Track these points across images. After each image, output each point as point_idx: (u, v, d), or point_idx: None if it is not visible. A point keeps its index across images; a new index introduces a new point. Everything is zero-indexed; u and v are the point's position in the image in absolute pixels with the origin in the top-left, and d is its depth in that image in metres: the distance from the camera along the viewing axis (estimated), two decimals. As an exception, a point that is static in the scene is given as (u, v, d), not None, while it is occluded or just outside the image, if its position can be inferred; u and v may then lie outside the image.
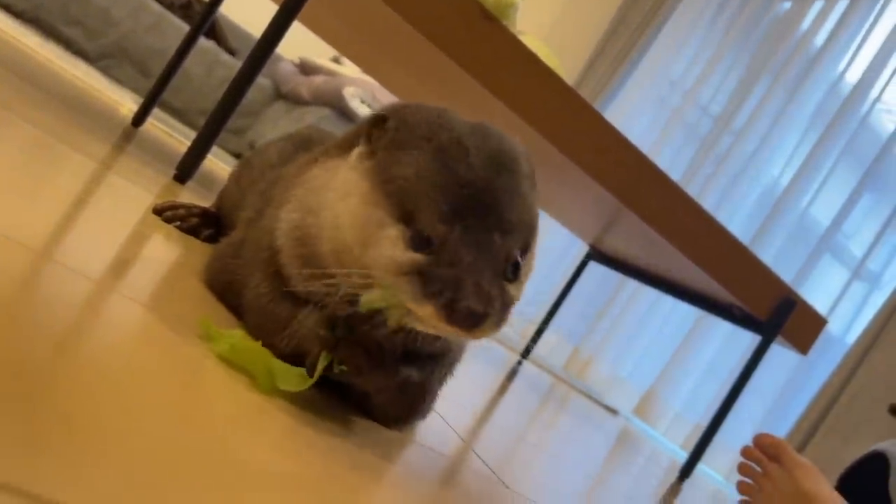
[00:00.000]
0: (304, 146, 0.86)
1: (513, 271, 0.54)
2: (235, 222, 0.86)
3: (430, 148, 0.53)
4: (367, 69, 2.05)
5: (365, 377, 0.54)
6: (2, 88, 1.12)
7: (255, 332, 0.60)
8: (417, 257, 0.50)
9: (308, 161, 0.65)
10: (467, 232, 0.51)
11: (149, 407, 0.39)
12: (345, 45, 1.93)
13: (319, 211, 0.57)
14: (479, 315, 0.49)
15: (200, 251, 0.87)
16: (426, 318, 0.49)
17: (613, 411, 3.19)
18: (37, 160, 0.81)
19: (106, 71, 3.36)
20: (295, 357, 0.55)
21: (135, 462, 0.33)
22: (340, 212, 0.55)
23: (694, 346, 3.36)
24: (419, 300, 0.49)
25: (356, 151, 0.57)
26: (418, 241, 0.51)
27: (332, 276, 0.55)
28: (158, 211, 0.90)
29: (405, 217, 0.52)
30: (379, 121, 0.56)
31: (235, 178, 0.94)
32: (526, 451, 0.99)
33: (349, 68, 3.38)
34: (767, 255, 3.32)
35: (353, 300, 0.53)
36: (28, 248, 0.50)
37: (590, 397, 3.15)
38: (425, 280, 0.49)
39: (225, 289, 0.67)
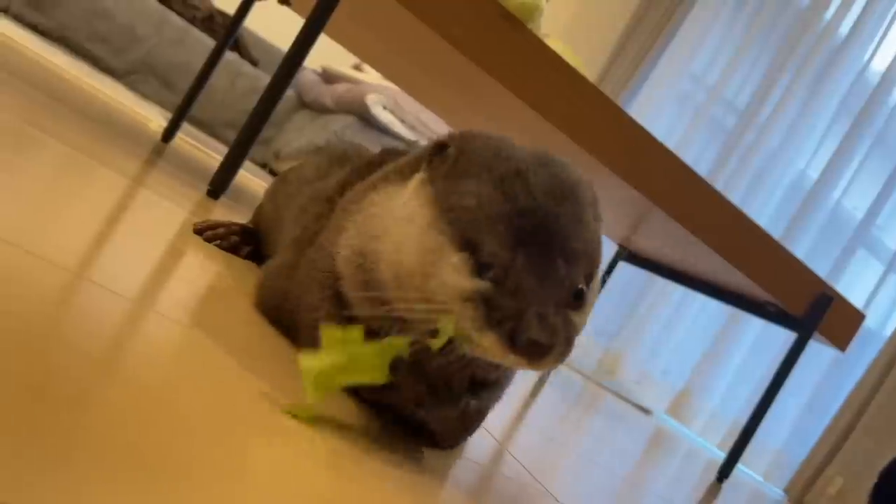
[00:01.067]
0: (340, 161, 0.86)
1: (577, 299, 0.53)
2: (275, 240, 0.86)
3: (492, 177, 0.53)
4: (389, 76, 2.06)
5: (427, 411, 0.54)
6: (33, 108, 1.14)
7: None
8: (481, 284, 0.50)
9: (367, 187, 0.65)
10: (531, 259, 0.51)
11: (187, 426, 0.39)
12: (368, 53, 1.94)
13: (380, 236, 0.57)
14: (543, 346, 0.48)
15: (239, 268, 0.87)
16: (489, 347, 0.49)
17: (647, 411, 3.17)
18: (69, 178, 0.82)
19: (132, 86, 3.40)
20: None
21: (172, 482, 0.33)
22: (402, 237, 0.55)
23: (728, 343, 3.32)
24: (482, 328, 0.49)
25: (417, 178, 0.57)
26: (482, 269, 0.51)
27: (390, 301, 0.55)
28: (199, 231, 0.91)
29: (468, 245, 0.51)
30: (440, 148, 0.56)
31: (272, 195, 0.94)
32: (562, 454, 0.99)
33: (371, 75, 3.39)
34: (800, 250, 3.28)
35: (414, 328, 0.53)
36: (62, 268, 0.50)
37: (622, 397, 3.13)
38: (488, 308, 0.49)
39: (277, 311, 0.67)
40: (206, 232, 0.91)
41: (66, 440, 0.30)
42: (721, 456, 1.76)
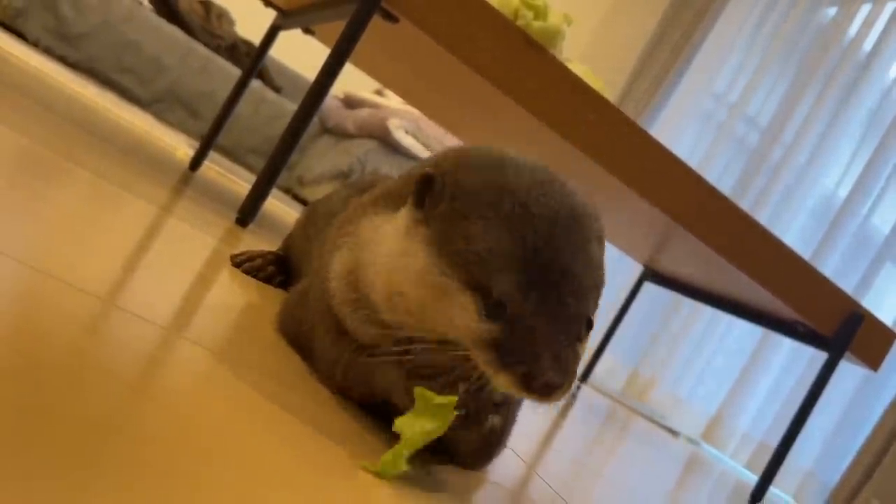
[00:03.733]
0: (366, 192, 0.87)
1: (587, 329, 0.54)
2: (303, 270, 0.87)
3: (496, 216, 0.52)
4: (411, 101, 2.07)
5: (455, 432, 0.54)
6: (62, 137, 1.16)
7: (325, 381, 0.62)
8: (493, 328, 0.51)
9: (357, 209, 0.65)
10: (543, 301, 0.51)
11: (217, 451, 0.39)
12: (391, 79, 1.96)
13: (373, 264, 0.58)
14: (558, 386, 0.50)
15: (268, 296, 0.88)
16: (504, 387, 0.50)
17: (674, 433, 3.13)
18: (98, 207, 0.83)
19: (158, 115, 3.46)
20: (367, 402, 0.57)
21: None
22: (398, 271, 0.55)
23: (759, 364, 3.27)
24: (497, 369, 0.50)
25: (406, 214, 0.57)
26: (493, 311, 0.51)
27: (385, 323, 0.56)
28: (237, 264, 0.92)
29: (477, 287, 0.51)
30: (426, 182, 0.55)
31: (302, 225, 0.95)
32: (592, 478, 0.98)
33: (393, 100, 3.42)
34: (828, 267, 3.24)
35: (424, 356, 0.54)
36: (93, 296, 0.51)
37: (652, 420, 3.09)
38: (503, 351, 0.50)
39: (295, 338, 0.68)
40: (245, 264, 0.92)
41: (97, 465, 0.31)
42: (753, 478, 1.73)
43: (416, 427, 0.50)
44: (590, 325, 0.54)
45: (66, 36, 3.32)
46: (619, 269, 3.89)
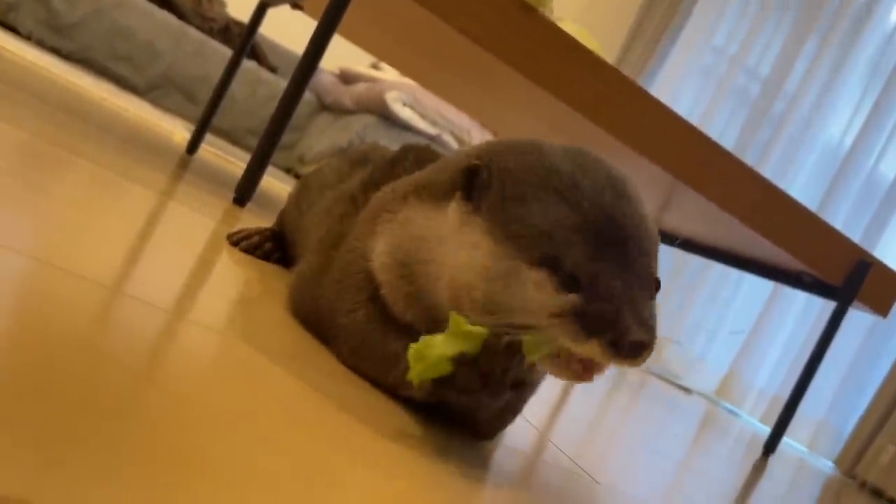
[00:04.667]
0: (360, 163, 0.87)
1: (656, 289, 0.54)
2: (300, 243, 0.87)
3: (550, 193, 0.53)
4: (407, 73, 2.06)
5: (477, 400, 0.54)
6: (59, 129, 1.16)
7: (349, 357, 0.62)
8: (571, 298, 0.51)
9: (399, 195, 0.65)
10: (613, 265, 0.51)
11: (229, 430, 0.40)
12: (382, 51, 1.94)
13: (431, 263, 0.58)
14: (644, 345, 0.50)
15: (267, 272, 0.88)
16: (593, 355, 0.50)
17: (687, 390, 3.14)
18: (98, 195, 0.83)
19: (155, 101, 3.45)
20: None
21: (218, 486, 0.34)
22: (463, 267, 0.55)
23: (772, 318, 3.27)
24: (582, 338, 0.50)
25: (457, 208, 0.57)
26: (566, 283, 0.51)
27: (445, 316, 0.56)
28: (234, 242, 0.93)
29: (545, 263, 0.52)
30: (471, 173, 0.56)
31: (295, 200, 0.95)
32: (606, 441, 0.98)
33: (389, 73, 3.40)
34: (837, 217, 3.22)
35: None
36: (99, 285, 0.51)
37: (665, 380, 3.11)
38: (585, 319, 0.50)
39: (310, 315, 0.68)
40: (242, 242, 0.93)
41: (112, 450, 0.31)
42: (769, 432, 1.74)
43: (446, 347, 0.51)
44: (657, 285, 0.54)
45: (58, 27, 3.30)
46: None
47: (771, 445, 1.70)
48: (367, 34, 1.76)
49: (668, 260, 3.62)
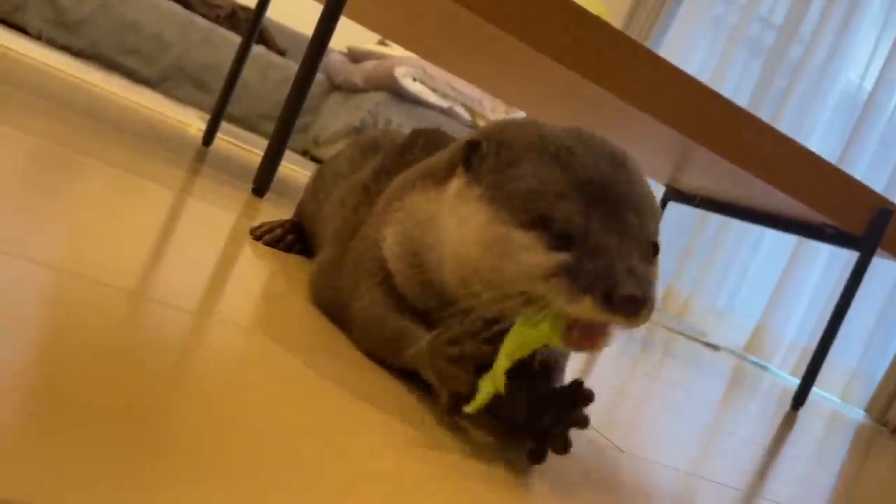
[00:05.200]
0: (372, 150, 0.88)
1: (654, 252, 0.54)
2: (318, 234, 0.89)
3: (542, 156, 0.53)
4: (414, 49, 2.05)
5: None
6: (73, 131, 1.18)
7: (362, 343, 0.63)
8: (562, 256, 0.50)
9: (406, 182, 0.66)
10: (607, 220, 0.51)
11: (262, 428, 0.41)
12: (389, 30, 1.93)
13: (436, 245, 0.59)
14: (639, 300, 0.48)
15: (290, 263, 0.90)
16: (586, 311, 0.49)
17: (715, 347, 3.14)
18: (116, 198, 0.85)
19: (167, 93, 3.47)
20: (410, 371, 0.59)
21: (269, 489, 0.35)
22: (460, 242, 0.56)
23: (798, 270, 3.25)
24: (574, 296, 0.49)
25: (456, 182, 0.58)
26: (558, 241, 0.51)
27: (457, 300, 0.57)
28: (257, 237, 0.94)
29: (536, 224, 0.51)
30: (473, 146, 0.57)
31: (311, 191, 0.96)
32: (631, 407, 0.99)
33: (397, 49, 3.38)
34: (860, 163, 3.18)
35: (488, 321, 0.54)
36: (123, 290, 0.53)
37: (692, 338, 3.11)
38: (577, 275, 0.49)
39: (330, 305, 0.70)
40: (265, 236, 0.94)
41: (148, 454, 0.33)
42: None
43: (524, 337, 0.51)
44: (656, 249, 0.54)
45: (66, 24, 3.32)
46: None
47: (800, 398, 1.71)
48: (372, 13, 1.76)
49: (690, 218, 3.60)
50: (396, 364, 0.61)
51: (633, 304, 0.48)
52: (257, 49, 3.57)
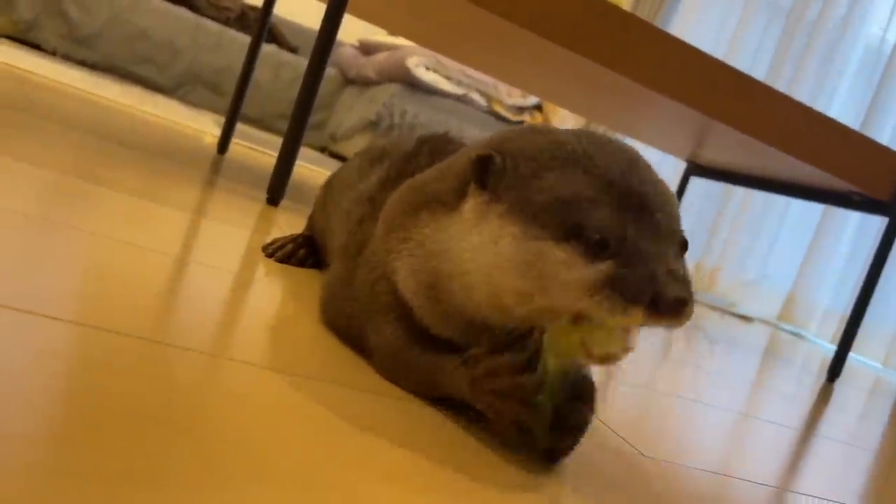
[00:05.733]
0: (379, 159, 0.85)
1: (683, 249, 0.54)
2: (328, 247, 0.88)
3: (566, 164, 0.53)
4: (422, 43, 2.04)
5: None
6: (87, 159, 1.19)
7: (388, 375, 0.63)
8: (603, 266, 0.50)
9: (407, 207, 0.63)
10: (639, 223, 0.51)
11: (282, 478, 0.41)
12: (395, 25, 1.92)
13: (460, 274, 0.56)
14: (685, 300, 0.48)
15: (305, 282, 0.89)
16: (638, 321, 0.49)
17: (748, 319, 3.10)
18: (132, 232, 0.85)
19: (183, 98, 3.49)
20: (440, 399, 0.58)
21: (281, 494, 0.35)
22: (493, 264, 0.54)
23: (828, 235, 3.19)
24: (625, 308, 0.49)
25: (472, 202, 0.56)
26: (595, 248, 0.50)
27: (488, 326, 0.56)
28: (269, 254, 0.94)
29: (571, 233, 0.50)
30: (485, 162, 0.55)
31: (321, 202, 0.96)
32: (657, 404, 0.98)
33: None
34: (887, 123, 3.10)
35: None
36: (137, 338, 0.53)
37: (723, 310, 3.07)
38: (622, 285, 0.49)
39: (345, 331, 0.68)
40: (277, 253, 0.94)
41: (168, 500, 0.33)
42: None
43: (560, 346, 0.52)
44: (685, 245, 0.54)
45: (79, 39, 3.35)
46: (662, 169, 3.82)
47: (835, 370, 1.68)
48: (376, 9, 1.75)
49: (714, 191, 3.54)
50: (429, 395, 0.60)
51: (680, 306, 0.48)
52: (268, 48, 3.57)
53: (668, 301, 0.48)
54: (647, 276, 0.48)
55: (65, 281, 0.61)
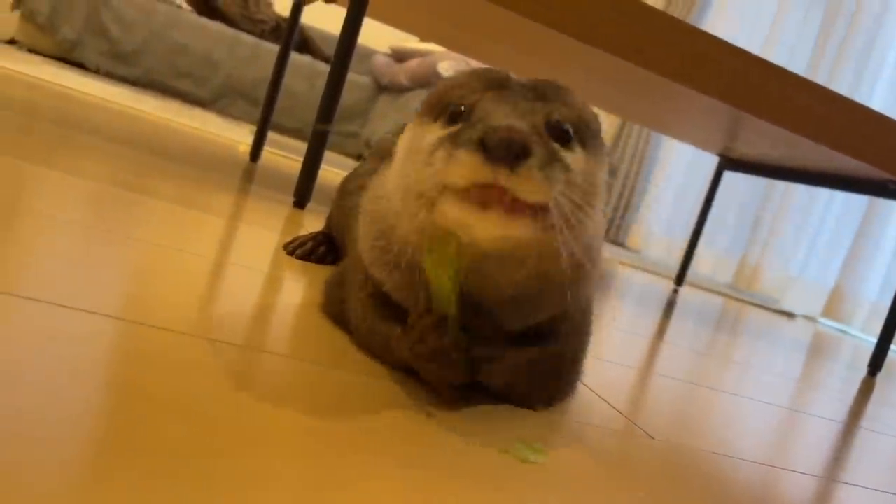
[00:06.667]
0: (388, 155, 0.87)
1: (562, 137, 0.53)
2: (343, 243, 0.90)
3: (466, 74, 0.57)
4: (449, 46, 2.05)
5: (485, 373, 0.57)
6: (131, 169, 1.23)
7: (365, 349, 0.64)
8: (453, 127, 0.53)
9: (378, 181, 0.67)
10: (501, 95, 0.54)
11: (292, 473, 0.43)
12: (420, 29, 1.94)
13: (391, 204, 0.59)
14: (517, 143, 0.46)
15: (323, 278, 0.91)
16: (464, 164, 0.47)
17: (790, 315, 3.05)
18: (171, 237, 0.88)
19: (222, 111, 3.57)
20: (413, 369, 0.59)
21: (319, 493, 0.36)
22: (401, 168, 0.57)
23: (873, 228, 3.12)
24: (451, 154, 0.48)
25: (410, 126, 0.60)
26: (452, 118, 0.54)
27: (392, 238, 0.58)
28: (290, 252, 0.97)
29: (439, 112, 0.55)
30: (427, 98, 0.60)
31: (337, 201, 0.98)
32: (700, 410, 0.97)
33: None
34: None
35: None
36: (178, 333, 0.55)
37: (765, 308, 3.02)
38: (456, 138, 0.49)
39: (339, 317, 0.70)
40: (297, 250, 0.96)
41: (217, 491, 0.34)
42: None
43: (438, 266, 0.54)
44: (566, 134, 0.53)
45: (120, 55, 3.44)
46: (698, 163, 3.78)
47: (876, 362, 1.64)
48: (397, 13, 1.77)
49: (755, 186, 3.49)
50: (395, 366, 0.61)
51: (510, 146, 0.45)
52: (303, 59, 3.63)
53: (493, 142, 0.45)
54: (481, 128, 0.48)
55: (113, 282, 0.64)
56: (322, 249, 0.98)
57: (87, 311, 0.53)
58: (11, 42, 3.51)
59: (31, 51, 3.37)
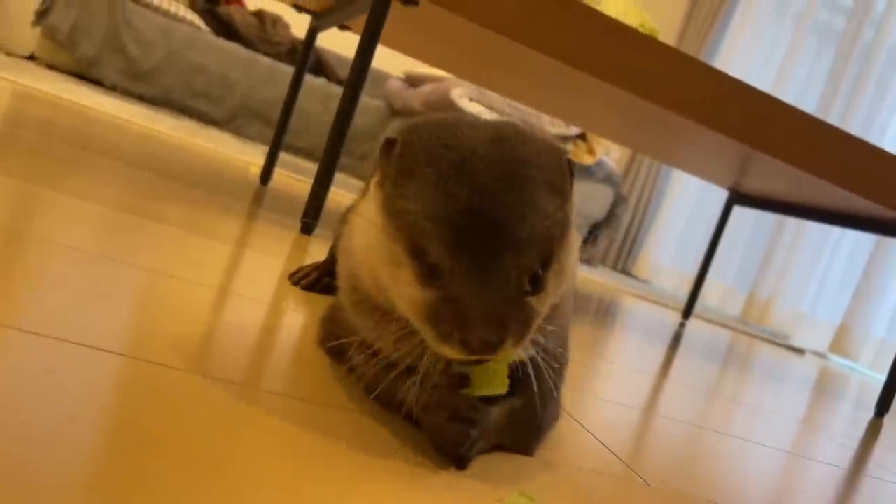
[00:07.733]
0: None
1: (535, 284, 0.53)
2: None
3: (434, 173, 0.52)
4: (461, 75, 2.07)
5: (469, 428, 0.55)
6: (141, 192, 1.23)
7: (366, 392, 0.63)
8: (429, 296, 0.52)
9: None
10: (474, 259, 0.50)
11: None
12: (434, 58, 1.95)
13: (356, 248, 0.60)
14: (494, 343, 0.50)
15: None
16: (451, 357, 0.52)
17: (800, 351, 3.02)
18: (177, 266, 0.88)
19: (237, 131, 3.59)
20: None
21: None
22: (368, 245, 0.57)
23: (882, 266, 3.11)
24: (439, 344, 0.52)
25: (373, 181, 0.57)
26: (429, 275, 0.52)
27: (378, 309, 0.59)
28: (294, 282, 0.97)
29: (416, 252, 0.52)
30: (388, 146, 0.56)
31: (340, 229, 0.98)
32: (701, 455, 0.97)
33: (453, 69, 3.41)
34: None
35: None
36: (178, 370, 0.55)
37: (774, 342, 3.00)
38: (438, 321, 0.51)
39: (334, 352, 0.69)
40: (302, 281, 0.97)
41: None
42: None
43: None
44: (537, 280, 0.53)
45: (138, 74, 3.48)
46: (706, 197, 3.77)
47: (884, 403, 1.62)
48: (412, 44, 1.78)
49: (766, 222, 3.48)
50: (391, 411, 0.62)
51: (487, 347, 0.50)
52: (317, 81, 3.66)
53: (475, 345, 0.49)
54: (460, 317, 0.50)
55: (114, 314, 0.64)
56: (326, 280, 0.98)
57: (88, 345, 0.53)
58: (31, 58, 3.55)
59: (50, 67, 3.42)
